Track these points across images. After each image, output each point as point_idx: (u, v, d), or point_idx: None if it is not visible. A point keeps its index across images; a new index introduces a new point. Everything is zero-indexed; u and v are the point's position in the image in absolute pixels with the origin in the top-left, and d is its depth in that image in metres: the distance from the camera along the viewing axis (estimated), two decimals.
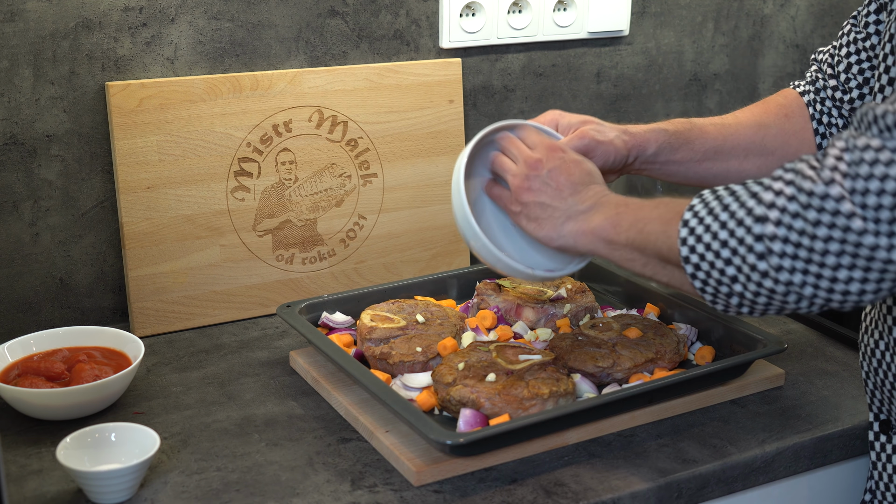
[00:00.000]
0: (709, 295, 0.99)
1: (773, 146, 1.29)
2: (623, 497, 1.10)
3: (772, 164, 1.28)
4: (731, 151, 1.28)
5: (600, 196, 1.12)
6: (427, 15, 1.64)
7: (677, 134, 1.26)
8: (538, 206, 1.14)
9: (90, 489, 1.07)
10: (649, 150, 1.25)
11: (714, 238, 0.95)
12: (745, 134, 1.29)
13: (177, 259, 1.48)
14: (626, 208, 1.08)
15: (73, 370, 1.24)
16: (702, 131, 1.28)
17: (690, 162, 1.27)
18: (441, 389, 1.20)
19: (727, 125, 1.29)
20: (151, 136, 1.45)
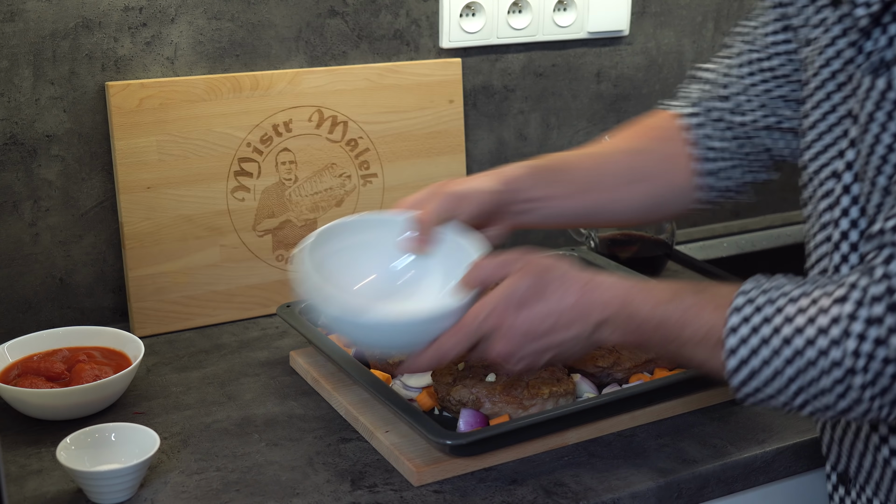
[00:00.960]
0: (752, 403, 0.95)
1: (651, 171, 1.23)
2: (623, 497, 1.10)
3: (650, 189, 1.23)
4: (608, 180, 1.22)
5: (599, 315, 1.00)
6: (427, 15, 1.64)
7: (550, 167, 1.21)
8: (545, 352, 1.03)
9: (90, 489, 1.07)
10: (525, 184, 1.18)
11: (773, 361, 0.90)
12: (622, 160, 1.23)
13: (177, 259, 1.48)
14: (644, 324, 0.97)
15: (73, 370, 1.24)
16: (577, 161, 1.22)
17: (569, 196, 1.20)
18: (441, 389, 1.20)
19: (602, 153, 1.24)
20: (151, 136, 1.45)
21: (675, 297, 0.96)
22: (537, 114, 1.77)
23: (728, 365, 0.91)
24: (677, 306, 0.95)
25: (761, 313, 0.90)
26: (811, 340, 0.87)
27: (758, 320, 0.90)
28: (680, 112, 1.24)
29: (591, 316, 0.99)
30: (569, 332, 1.00)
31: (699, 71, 1.26)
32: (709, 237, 1.93)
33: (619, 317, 0.99)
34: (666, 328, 0.96)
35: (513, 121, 1.75)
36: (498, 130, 1.74)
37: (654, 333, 0.97)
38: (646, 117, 1.28)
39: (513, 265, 1.02)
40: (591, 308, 0.99)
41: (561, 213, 1.21)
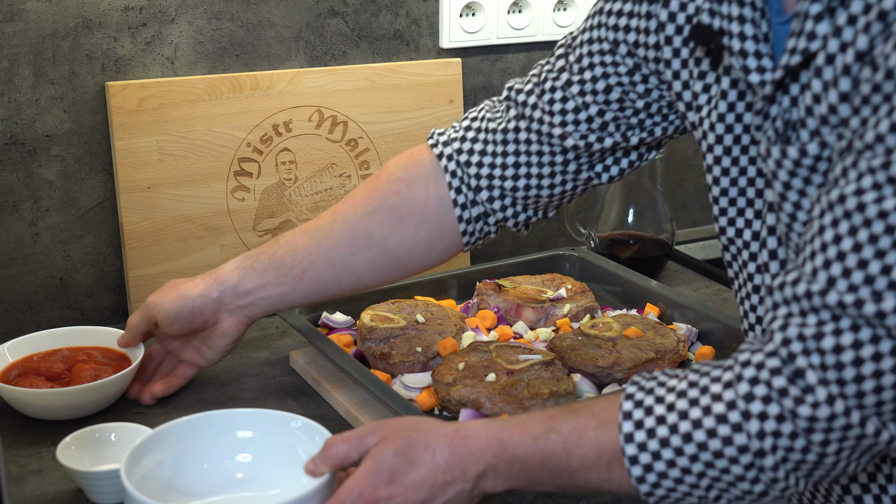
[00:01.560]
0: None
1: (381, 234, 1.18)
2: (623, 497, 1.10)
3: (382, 252, 1.19)
4: (327, 256, 1.19)
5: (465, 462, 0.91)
6: (427, 15, 1.64)
7: (262, 256, 1.19)
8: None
9: (90, 489, 1.07)
10: (232, 282, 1.18)
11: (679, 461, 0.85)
12: (344, 231, 1.19)
13: (177, 259, 1.48)
14: (525, 464, 0.90)
15: (72, 370, 1.24)
16: (287, 244, 1.20)
17: (291, 280, 1.18)
18: (441, 389, 1.20)
19: (319, 229, 1.20)
20: (151, 136, 1.45)
21: (551, 428, 0.89)
22: None
23: (633, 474, 0.86)
24: (557, 436, 0.89)
25: (653, 415, 0.86)
26: (712, 431, 0.83)
27: (651, 423, 0.85)
28: (445, 151, 1.19)
29: (469, 470, 0.90)
30: (448, 493, 0.90)
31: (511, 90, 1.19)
32: (709, 237, 1.93)
33: (498, 463, 0.90)
34: (551, 462, 0.89)
35: None
36: None
37: (540, 470, 0.90)
38: (398, 159, 1.22)
39: (369, 437, 0.93)
40: (466, 462, 0.90)
41: (286, 300, 1.20)
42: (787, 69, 0.87)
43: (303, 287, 1.19)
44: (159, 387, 1.26)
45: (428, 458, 0.90)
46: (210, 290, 1.19)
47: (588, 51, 1.12)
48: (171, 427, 1.05)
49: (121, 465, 0.98)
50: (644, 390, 0.88)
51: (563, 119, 1.14)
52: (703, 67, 1.00)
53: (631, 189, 1.62)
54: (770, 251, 0.96)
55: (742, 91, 0.96)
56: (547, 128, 1.14)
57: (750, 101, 0.96)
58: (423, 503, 0.90)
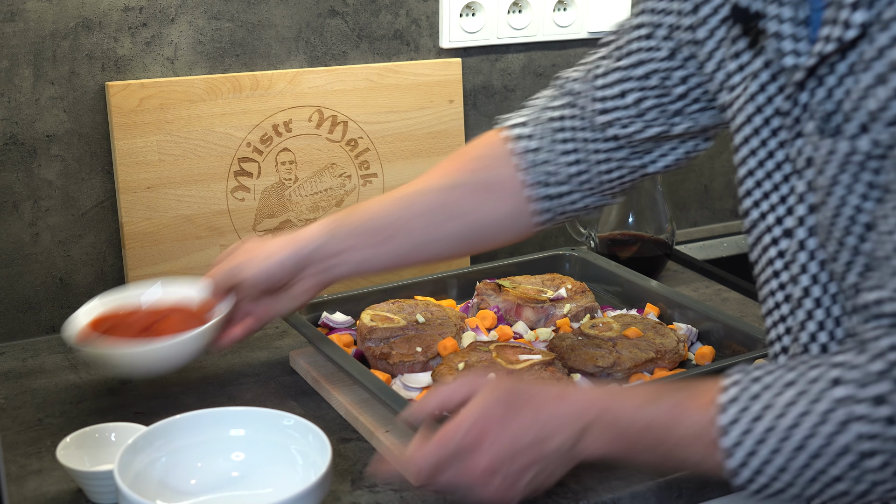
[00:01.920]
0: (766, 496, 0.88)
1: (466, 207, 1.18)
2: (623, 497, 1.10)
3: (466, 225, 1.19)
4: (408, 227, 1.18)
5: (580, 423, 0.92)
6: (427, 15, 1.64)
7: (349, 219, 1.20)
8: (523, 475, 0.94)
9: (90, 489, 1.07)
10: (317, 243, 1.18)
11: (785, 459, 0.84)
12: (425, 203, 1.19)
13: (177, 259, 1.48)
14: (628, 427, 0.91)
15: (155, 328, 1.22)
16: (380, 208, 1.20)
17: (371, 245, 1.18)
18: None
19: (401, 198, 1.20)
20: (151, 136, 1.45)
21: (658, 398, 0.90)
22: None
23: (730, 462, 0.85)
24: (663, 405, 0.89)
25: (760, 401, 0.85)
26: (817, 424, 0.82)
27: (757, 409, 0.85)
28: (513, 133, 1.20)
29: (574, 424, 0.92)
30: (552, 443, 0.92)
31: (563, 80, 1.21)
32: (709, 237, 1.93)
33: (601, 421, 0.91)
34: (653, 430, 0.89)
35: None
36: None
37: (640, 437, 0.90)
38: (474, 142, 1.23)
39: (476, 383, 0.96)
40: (572, 416, 0.92)
41: (367, 264, 1.20)
42: (821, 57, 0.87)
43: (384, 253, 1.19)
44: (238, 330, 1.24)
45: (533, 409, 0.92)
46: (295, 252, 1.18)
47: (629, 38, 1.14)
48: (164, 425, 1.06)
49: (114, 464, 0.98)
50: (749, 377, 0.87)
51: (604, 107, 1.14)
52: (739, 47, 1.00)
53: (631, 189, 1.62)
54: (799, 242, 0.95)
55: (776, 73, 0.96)
56: (590, 114, 1.15)
57: (783, 83, 0.95)
58: (526, 449, 0.92)
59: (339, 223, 1.20)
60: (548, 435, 0.92)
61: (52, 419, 1.24)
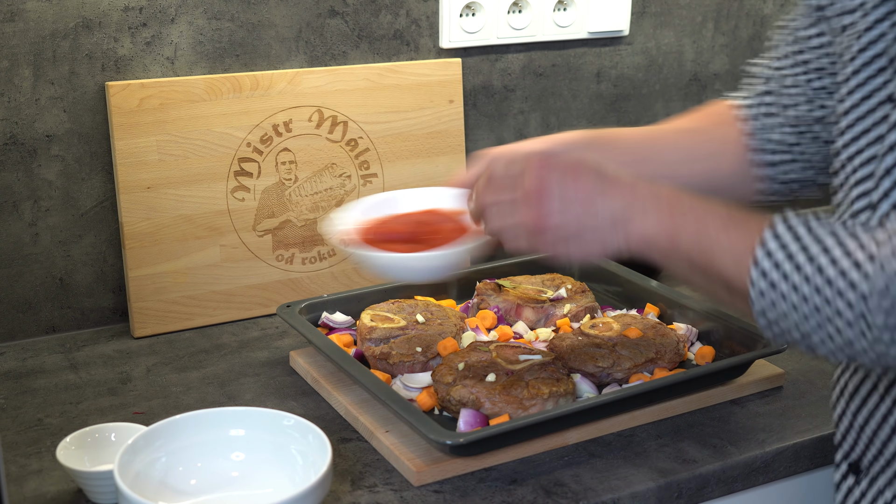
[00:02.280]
0: (772, 335, 0.94)
1: (705, 152, 1.22)
2: (623, 497, 1.11)
3: (708, 171, 1.21)
4: (664, 156, 1.21)
5: (634, 189, 0.98)
6: (427, 15, 1.64)
7: (605, 135, 1.22)
8: (569, 227, 0.99)
9: (90, 489, 1.07)
10: (572, 146, 1.18)
11: (794, 290, 0.89)
12: (673, 139, 1.23)
13: (177, 259, 1.48)
14: (684, 218, 0.95)
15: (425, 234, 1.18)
16: (632, 134, 1.23)
17: (623, 164, 1.15)
18: (441, 389, 1.20)
19: (657, 129, 1.24)
20: (151, 136, 1.45)
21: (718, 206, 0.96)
22: (537, 114, 1.77)
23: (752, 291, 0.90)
24: (723, 211, 0.95)
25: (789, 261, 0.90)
26: (844, 272, 0.86)
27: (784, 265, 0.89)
28: (737, 103, 1.24)
29: (637, 192, 0.98)
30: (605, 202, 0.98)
31: (750, 66, 1.26)
32: None
33: (660, 196, 0.97)
34: (706, 225, 0.94)
35: (513, 121, 1.75)
36: (498, 130, 1.74)
37: (692, 226, 0.95)
38: (704, 105, 1.28)
39: None
40: (638, 186, 0.98)
41: None
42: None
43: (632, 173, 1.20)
44: None
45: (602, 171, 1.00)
46: (550, 150, 1.17)
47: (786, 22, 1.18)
48: (164, 425, 1.06)
49: (114, 464, 0.98)
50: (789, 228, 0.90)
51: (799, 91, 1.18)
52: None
53: None
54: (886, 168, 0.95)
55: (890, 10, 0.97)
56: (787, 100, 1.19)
57: None
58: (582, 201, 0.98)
59: (594, 135, 1.21)
60: (605, 192, 0.97)
61: (52, 419, 1.24)
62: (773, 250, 0.90)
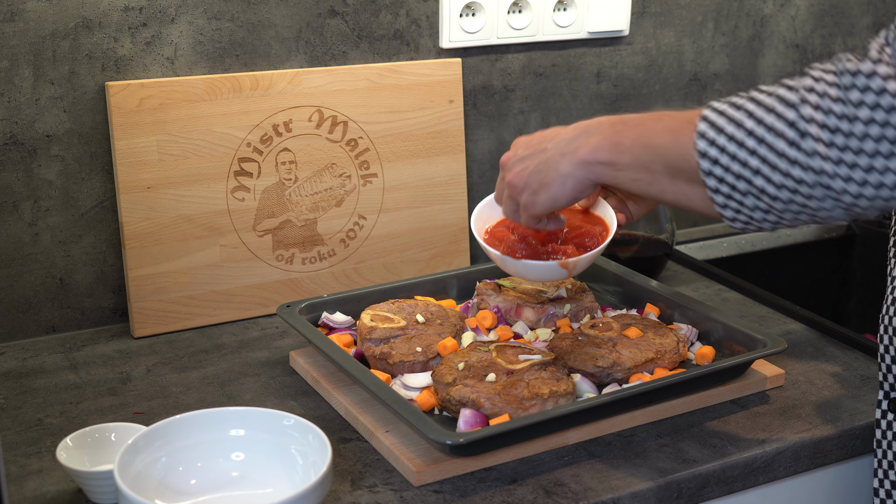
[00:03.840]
0: (730, 211, 0.96)
1: None
2: (623, 497, 1.11)
3: None
4: None
5: (587, 123, 1.07)
6: (427, 15, 1.64)
7: None
8: (532, 173, 1.10)
9: (90, 489, 1.07)
10: None
11: (740, 147, 0.92)
12: None
13: (177, 259, 1.48)
14: (624, 126, 1.03)
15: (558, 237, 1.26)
16: None
17: None
18: (441, 389, 1.20)
19: None
20: (151, 136, 1.45)
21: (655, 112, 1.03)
22: (537, 114, 1.77)
23: (699, 144, 0.95)
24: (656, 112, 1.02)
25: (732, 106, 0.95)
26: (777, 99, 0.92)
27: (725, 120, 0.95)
28: None
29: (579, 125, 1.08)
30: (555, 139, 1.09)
31: None
32: (709, 237, 1.93)
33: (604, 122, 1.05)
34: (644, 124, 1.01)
35: (513, 121, 1.75)
36: (498, 130, 1.74)
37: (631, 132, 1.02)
38: None
39: None
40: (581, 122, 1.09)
41: None
42: None
43: None
44: None
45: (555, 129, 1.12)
46: None
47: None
48: (164, 425, 1.06)
49: (114, 464, 0.98)
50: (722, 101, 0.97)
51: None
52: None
53: None
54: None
55: None
56: None
57: None
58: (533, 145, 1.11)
59: None
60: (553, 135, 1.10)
61: (52, 419, 1.24)
62: (708, 114, 0.96)
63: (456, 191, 1.67)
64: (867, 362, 1.40)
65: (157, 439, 1.05)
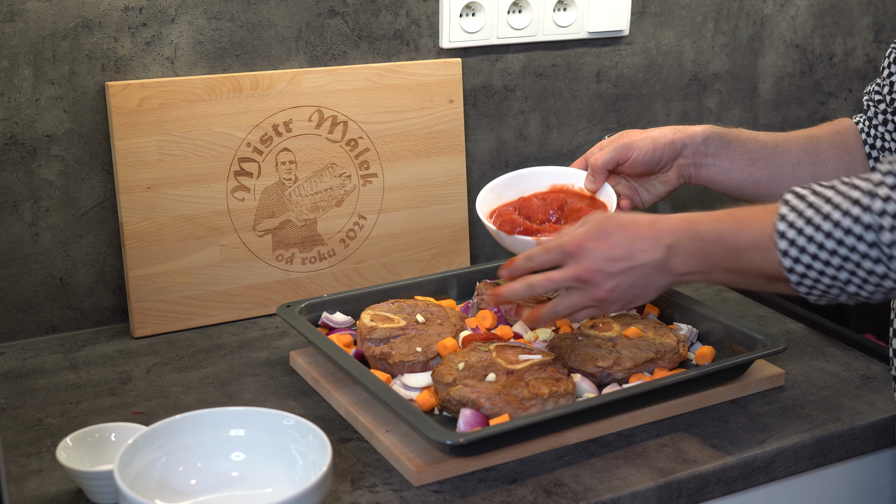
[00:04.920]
0: (815, 297, 1.01)
1: (825, 157, 1.30)
2: (623, 497, 1.11)
3: (826, 173, 1.29)
4: (783, 156, 1.30)
5: (668, 242, 1.08)
6: (427, 15, 1.64)
7: (728, 131, 1.32)
8: (628, 289, 1.10)
9: (90, 489, 1.07)
10: (698, 139, 1.30)
11: (820, 248, 0.97)
12: (797, 142, 1.31)
13: (177, 259, 1.48)
14: (705, 242, 1.06)
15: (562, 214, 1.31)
16: (752, 134, 1.32)
17: (742, 161, 1.30)
18: (441, 389, 1.20)
19: (778, 133, 1.32)
20: (151, 136, 1.45)
21: (730, 213, 1.05)
22: (537, 114, 1.77)
23: (784, 264, 0.99)
24: (733, 219, 1.04)
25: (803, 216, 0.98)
26: (849, 230, 0.94)
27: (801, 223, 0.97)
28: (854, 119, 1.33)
29: (661, 241, 1.07)
30: (644, 257, 1.08)
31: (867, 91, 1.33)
32: None
33: (685, 238, 1.07)
34: (726, 240, 1.03)
35: (513, 121, 1.75)
36: (498, 130, 1.74)
37: (716, 249, 1.04)
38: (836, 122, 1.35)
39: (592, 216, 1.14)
40: (660, 234, 1.07)
41: (728, 177, 1.31)
42: None
43: (748, 173, 1.30)
44: None
45: (631, 228, 1.09)
46: (680, 138, 1.31)
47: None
48: (164, 425, 1.06)
49: (114, 464, 0.98)
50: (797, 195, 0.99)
51: None
52: None
53: None
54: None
55: None
56: None
57: None
58: (622, 258, 1.08)
59: (720, 132, 1.31)
60: (640, 249, 1.08)
61: (52, 419, 1.24)
62: (785, 231, 0.98)
63: (456, 191, 1.67)
64: (867, 362, 1.40)
65: (157, 439, 1.05)
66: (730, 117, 1.96)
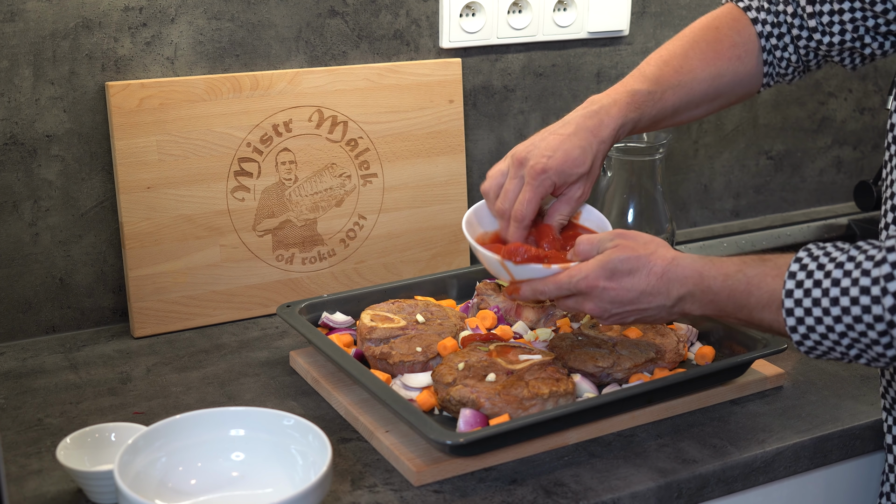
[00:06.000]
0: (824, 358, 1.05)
1: (722, 91, 1.31)
2: (623, 497, 1.10)
3: (725, 102, 1.33)
4: (686, 108, 1.31)
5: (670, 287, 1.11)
6: (427, 15, 1.64)
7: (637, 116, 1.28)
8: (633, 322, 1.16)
9: (90, 489, 1.07)
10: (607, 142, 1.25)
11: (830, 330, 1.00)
12: (700, 89, 1.30)
13: (177, 259, 1.48)
14: (716, 295, 1.09)
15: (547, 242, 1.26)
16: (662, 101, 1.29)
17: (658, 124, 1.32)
18: (441, 389, 1.20)
19: (683, 85, 1.29)
20: (151, 136, 1.45)
21: (740, 270, 1.07)
22: (537, 114, 1.77)
23: (787, 324, 1.02)
24: (743, 277, 1.07)
25: (812, 278, 1.01)
26: (855, 299, 0.97)
27: (810, 284, 1.01)
28: (752, 16, 1.31)
29: (672, 292, 1.11)
30: (652, 303, 1.12)
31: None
32: (709, 237, 1.93)
33: (696, 291, 1.10)
34: (736, 298, 1.07)
35: (513, 121, 1.75)
36: (498, 130, 1.74)
37: (727, 303, 1.09)
38: (728, 24, 1.32)
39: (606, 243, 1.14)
40: (671, 285, 1.11)
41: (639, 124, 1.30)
42: None
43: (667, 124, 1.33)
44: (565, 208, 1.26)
45: (644, 273, 1.11)
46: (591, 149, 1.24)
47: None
48: (164, 425, 1.06)
49: (114, 464, 0.98)
50: (812, 257, 1.03)
51: None
52: None
53: (631, 189, 1.62)
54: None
55: None
56: None
57: None
58: (629, 303, 1.12)
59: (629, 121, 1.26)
60: (648, 298, 1.12)
61: (52, 419, 1.24)
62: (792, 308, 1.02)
63: (456, 191, 1.67)
64: None
65: (157, 439, 1.05)
66: (729, 117, 1.96)
